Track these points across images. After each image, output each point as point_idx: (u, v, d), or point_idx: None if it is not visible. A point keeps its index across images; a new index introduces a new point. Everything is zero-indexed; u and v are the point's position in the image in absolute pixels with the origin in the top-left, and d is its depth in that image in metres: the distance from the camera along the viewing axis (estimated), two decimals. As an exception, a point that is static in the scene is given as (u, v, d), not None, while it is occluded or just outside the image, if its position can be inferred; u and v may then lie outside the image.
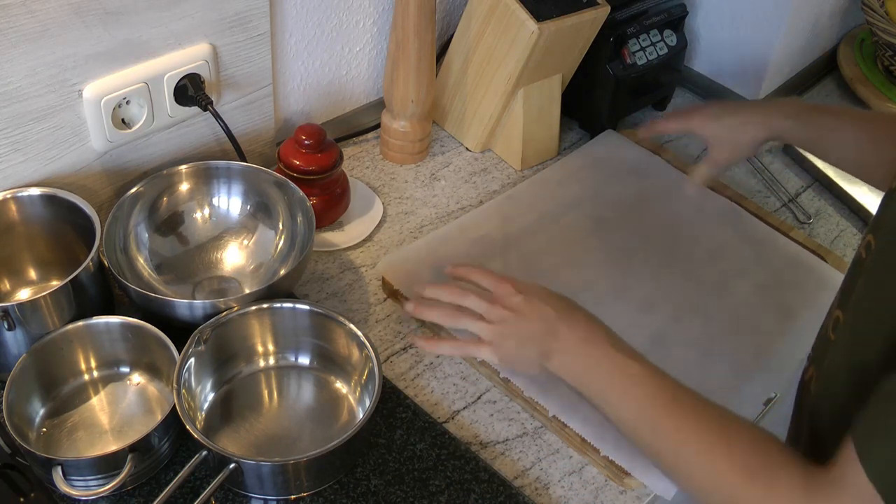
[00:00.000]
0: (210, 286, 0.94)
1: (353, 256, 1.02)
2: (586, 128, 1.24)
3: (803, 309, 0.98)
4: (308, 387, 0.86)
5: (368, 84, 1.19)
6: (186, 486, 0.76)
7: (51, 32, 0.79)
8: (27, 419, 0.78)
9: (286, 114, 1.11)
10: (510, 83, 1.08)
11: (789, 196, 1.20)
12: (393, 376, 0.89)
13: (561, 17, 1.04)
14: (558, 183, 1.13)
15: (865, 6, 1.32)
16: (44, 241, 0.89)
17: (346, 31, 1.10)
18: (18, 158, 0.84)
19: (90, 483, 0.74)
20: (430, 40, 1.05)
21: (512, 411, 0.87)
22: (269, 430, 0.82)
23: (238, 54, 0.96)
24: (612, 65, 1.16)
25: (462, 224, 1.04)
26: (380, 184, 1.12)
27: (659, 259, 1.04)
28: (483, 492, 0.79)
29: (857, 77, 1.36)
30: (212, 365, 0.83)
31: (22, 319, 0.77)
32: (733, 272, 1.03)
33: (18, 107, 0.81)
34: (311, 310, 0.85)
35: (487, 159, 1.18)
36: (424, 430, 0.83)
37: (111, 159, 0.92)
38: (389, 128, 1.12)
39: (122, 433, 0.80)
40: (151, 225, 0.93)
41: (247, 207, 0.97)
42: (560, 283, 0.98)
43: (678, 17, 1.22)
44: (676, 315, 0.97)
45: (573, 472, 0.83)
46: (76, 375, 0.83)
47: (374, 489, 0.78)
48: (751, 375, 0.92)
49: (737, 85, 1.32)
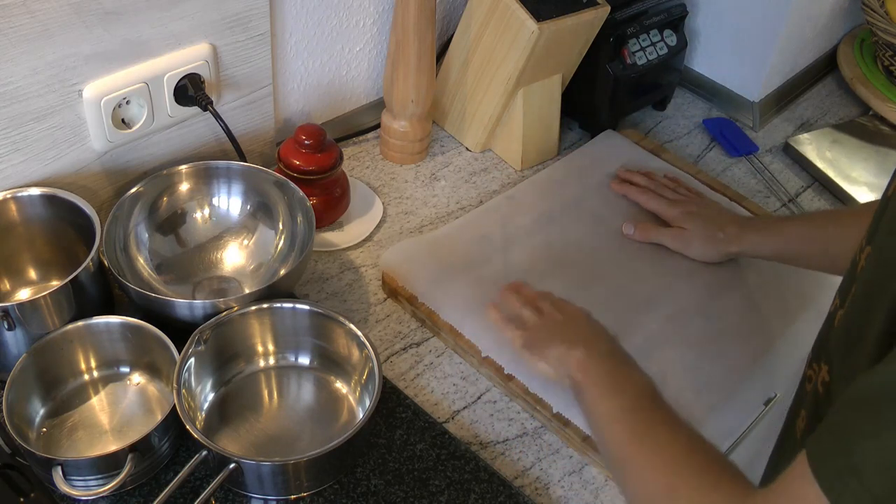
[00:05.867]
0: (210, 286, 0.94)
1: (353, 256, 1.02)
2: (586, 128, 1.24)
3: (803, 309, 0.98)
4: (308, 387, 0.86)
5: (368, 84, 1.19)
6: (186, 486, 0.76)
7: (51, 32, 0.79)
8: (27, 419, 0.78)
9: (286, 114, 1.11)
10: (510, 83, 1.08)
11: (789, 196, 1.20)
12: (393, 376, 0.89)
13: (561, 17, 1.04)
14: (558, 183, 1.13)
15: (865, 6, 1.32)
16: (44, 241, 0.89)
17: (346, 31, 1.11)
18: (18, 158, 0.84)
19: (90, 483, 0.74)
20: (430, 40, 1.05)
21: (512, 411, 0.87)
22: (269, 430, 0.82)
23: (238, 54, 0.96)
24: (612, 65, 1.16)
25: (462, 224, 1.04)
26: (380, 184, 1.12)
27: (659, 259, 1.03)
28: (483, 492, 0.79)
29: (857, 77, 1.37)
30: (212, 365, 0.83)
31: (22, 319, 0.77)
32: (733, 272, 1.03)
33: (18, 107, 0.81)
34: (311, 310, 0.85)
35: (487, 159, 1.18)
36: (424, 430, 0.83)
37: (111, 159, 0.92)
38: (389, 128, 1.12)
39: (122, 433, 0.80)
40: (151, 225, 0.93)
41: (247, 207, 0.97)
42: (560, 283, 0.98)
43: (678, 17, 1.22)
44: (676, 315, 0.97)
45: (573, 472, 0.83)
46: (76, 375, 0.83)
47: (374, 489, 0.78)
48: (751, 375, 0.92)
49: (737, 85, 1.32)
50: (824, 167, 1.22)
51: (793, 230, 0.97)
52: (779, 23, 1.24)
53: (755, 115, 1.31)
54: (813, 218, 1.02)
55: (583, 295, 0.98)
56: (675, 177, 1.13)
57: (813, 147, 1.26)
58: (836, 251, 0.88)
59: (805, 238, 0.95)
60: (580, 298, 0.97)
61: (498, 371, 0.88)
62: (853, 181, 1.20)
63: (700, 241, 1.02)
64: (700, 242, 1.02)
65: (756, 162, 1.24)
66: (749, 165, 1.24)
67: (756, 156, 1.26)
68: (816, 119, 1.36)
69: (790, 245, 0.96)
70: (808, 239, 0.95)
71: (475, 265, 0.99)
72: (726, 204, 1.12)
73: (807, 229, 0.96)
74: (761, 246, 0.99)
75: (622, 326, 0.95)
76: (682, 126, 1.30)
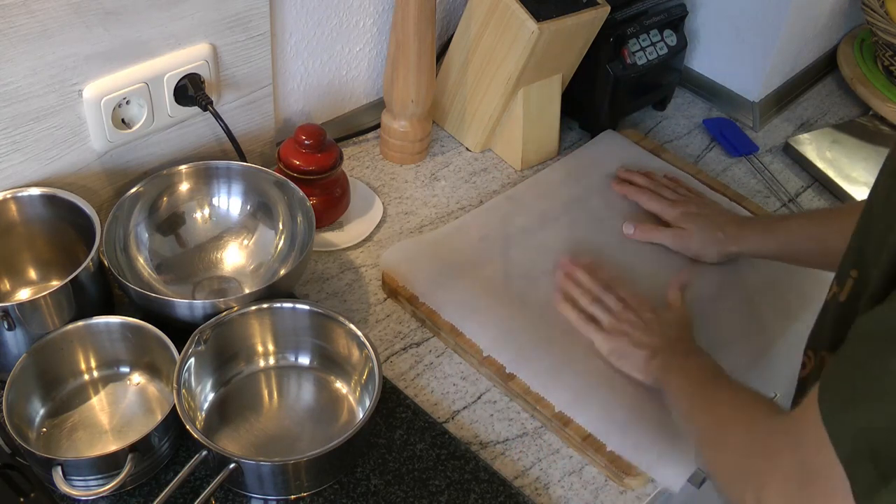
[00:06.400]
0: (210, 286, 0.94)
1: (353, 256, 1.02)
2: (586, 128, 1.24)
3: (803, 309, 0.98)
4: (308, 387, 0.86)
5: (368, 84, 1.19)
6: (186, 486, 0.76)
7: (51, 32, 0.79)
8: (27, 419, 0.78)
9: (286, 114, 1.11)
10: (510, 83, 1.08)
11: (789, 196, 1.20)
12: (393, 376, 0.89)
13: (561, 17, 1.04)
14: (558, 183, 1.13)
15: (865, 6, 1.32)
16: (44, 241, 0.89)
17: (346, 31, 1.11)
18: (18, 158, 0.84)
19: (90, 483, 0.74)
20: (430, 40, 1.05)
21: (512, 411, 0.87)
22: (269, 430, 0.82)
23: (238, 54, 0.96)
24: (612, 65, 1.16)
25: (462, 224, 1.04)
26: (380, 184, 1.12)
27: (659, 259, 1.04)
28: (483, 492, 0.79)
29: (857, 77, 1.37)
30: (212, 365, 0.83)
31: (22, 319, 0.77)
32: (733, 272, 1.03)
33: (18, 107, 0.81)
34: (311, 310, 0.85)
35: (487, 159, 1.18)
36: (424, 430, 0.83)
37: (111, 159, 0.92)
38: (389, 128, 1.12)
39: (122, 433, 0.80)
40: (151, 225, 0.93)
41: (247, 207, 0.97)
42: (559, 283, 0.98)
43: (678, 17, 1.22)
44: (676, 315, 0.97)
45: (573, 472, 0.83)
46: (76, 375, 0.83)
47: (374, 489, 0.78)
48: (751, 375, 0.91)
49: (737, 85, 1.32)
50: (824, 167, 1.22)
51: (792, 228, 0.97)
52: (779, 23, 1.24)
53: (755, 115, 1.31)
54: (812, 216, 1.02)
55: (583, 295, 0.98)
56: (675, 177, 1.13)
57: (813, 147, 1.26)
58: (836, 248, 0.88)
59: (805, 236, 0.95)
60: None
61: (498, 371, 0.88)
62: (853, 181, 1.20)
63: (700, 241, 1.02)
64: (700, 243, 1.02)
65: (756, 162, 1.24)
66: (749, 165, 1.24)
67: (756, 156, 1.26)
68: (816, 119, 1.36)
69: (790, 244, 0.96)
70: (808, 237, 0.95)
71: (475, 265, 0.99)
72: (726, 204, 1.12)
73: (806, 227, 0.96)
74: (761, 245, 0.99)
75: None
76: (682, 126, 1.30)
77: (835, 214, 0.98)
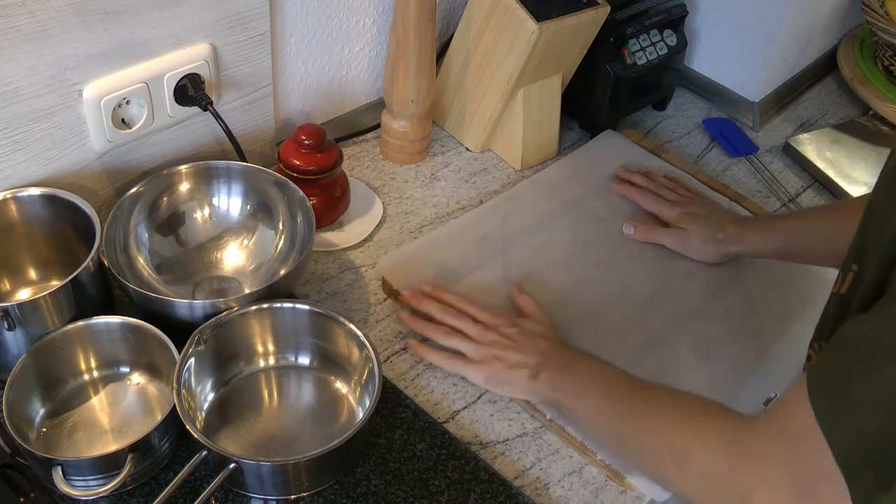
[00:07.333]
0: (210, 286, 0.94)
1: (353, 256, 1.02)
2: (586, 128, 1.24)
3: (803, 309, 0.98)
4: (308, 387, 0.86)
5: (368, 84, 1.19)
6: (186, 486, 0.76)
7: (51, 32, 0.79)
8: (27, 419, 0.78)
9: (286, 114, 1.11)
10: (510, 83, 1.08)
11: (789, 196, 1.20)
12: (393, 376, 0.89)
13: (561, 17, 1.04)
14: (558, 183, 1.13)
15: (865, 6, 1.32)
16: (44, 241, 0.89)
17: (346, 31, 1.11)
18: (18, 158, 0.84)
19: (90, 483, 0.74)
20: (430, 40, 1.05)
21: (512, 411, 0.87)
22: (269, 430, 0.82)
23: (238, 54, 0.96)
24: (612, 65, 1.16)
25: (462, 224, 1.04)
26: (380, 184, 1.12)
27: (659, 259, 1.04)
28: (483, 492, 0.79)
29: (857, 77, 1.37)
30: (212, 365, 0.83)
31: (22, 319, 0.77)
32: (733, 272, 1.03)
33: (18, 107, 0.81)
34: (311, 310, 0.85)
35: (487, 159, 1.18)
36: (424, 430, 0.83)
37: (111, 159, 0.92)
38: (389, 128, 1.12)
39: (122, 433, 0.80)
40: (151, 225, 0.93)
41: (247, 207, 0.97)
42: (559, 283, 0.99)
43: (678, 17, 1.22)
44: (676, 315, 0.97)
45: (573, 472, 0.83)
46: (76, 375, 0.83)
47: (374, 489, 0.78)
48: (751, 375, 0.92)
49: (737, 85, 1.32)
50: (824, 167, 1.22)
51: (792, 227, 0.97)
52: (779, 23, 1.24)
53: (755, 115, 1.31)
54: (811, 213, 1.02)
55: (583, 295, 0.98)
56: (674, 177, 1.13)
57: (813, 147, 1.26)
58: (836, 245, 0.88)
59: (805, 234, 0.95)
60: (580, 298, 0.98)
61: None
62: (853, 181, 1.20)
63: (700, 241, 1.02)
64: (700, 243, 1.02)
65: (756, 162, 1.24)
66: (749, 165, 1.24)
67: (756, 156, 1.26)
68: (816, 119, 1.36)
69: (791, 242, 0.96)
70: (808, 235, 0.95)
71: (475, 265, 0.99)
72: (726, 204, 1.12)
73: (806, 225, 0.96)
74: (762, 245, 0.99)
75: (622, 327, 0.95)
76: (682, 126, 1.30)
77: (835, 211, 0.98)
